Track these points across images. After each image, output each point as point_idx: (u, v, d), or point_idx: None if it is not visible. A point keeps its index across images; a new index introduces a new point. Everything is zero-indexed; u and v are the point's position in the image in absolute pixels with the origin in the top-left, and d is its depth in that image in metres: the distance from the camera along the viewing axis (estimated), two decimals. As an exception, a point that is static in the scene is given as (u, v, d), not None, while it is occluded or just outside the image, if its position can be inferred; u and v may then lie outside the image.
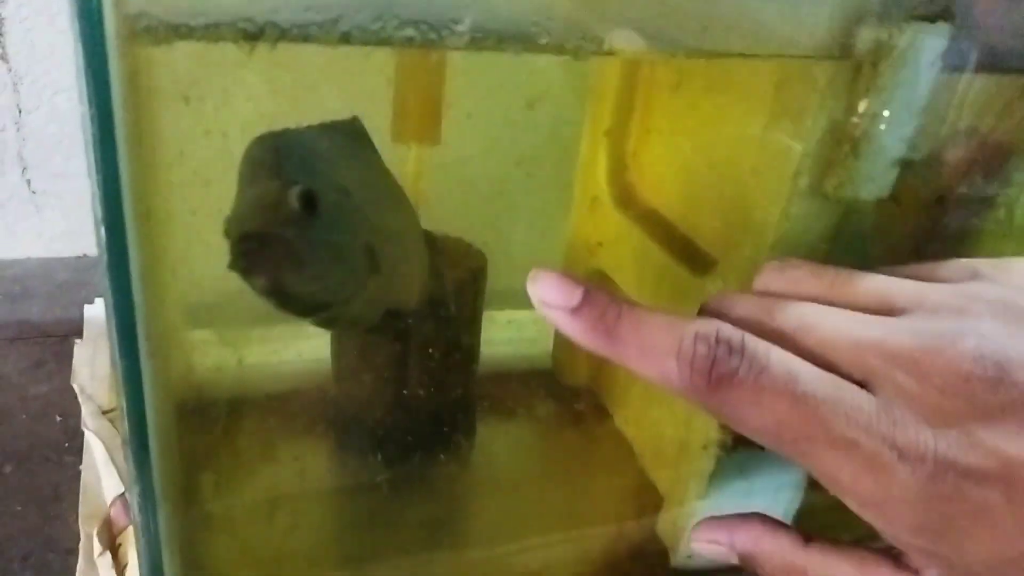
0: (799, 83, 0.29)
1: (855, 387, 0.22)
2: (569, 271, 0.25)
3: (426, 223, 0.42)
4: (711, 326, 0.23)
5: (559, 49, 0.25)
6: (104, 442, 0.48)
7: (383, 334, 0.41)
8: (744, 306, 0.25)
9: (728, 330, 0.22)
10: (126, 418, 0.27)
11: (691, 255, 0.39)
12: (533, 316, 0.25)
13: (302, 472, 0.43)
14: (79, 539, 0.42)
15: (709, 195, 0.37)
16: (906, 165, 0.29)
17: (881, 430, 0.21)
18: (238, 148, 0.31)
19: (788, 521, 0.39)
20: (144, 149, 0.24)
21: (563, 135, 0.49)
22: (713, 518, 0.27)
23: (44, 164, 0.67)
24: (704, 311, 0.27)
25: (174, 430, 0.30)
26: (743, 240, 0.33)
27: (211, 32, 0.22)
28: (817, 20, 0.28)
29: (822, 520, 0.40)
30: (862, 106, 0.28)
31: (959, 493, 0.20)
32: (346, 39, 0.23)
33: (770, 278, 0.27)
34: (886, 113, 0.28)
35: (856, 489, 0.21)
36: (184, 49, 0.22)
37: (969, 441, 0.20)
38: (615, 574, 0.41)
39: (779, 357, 0.22)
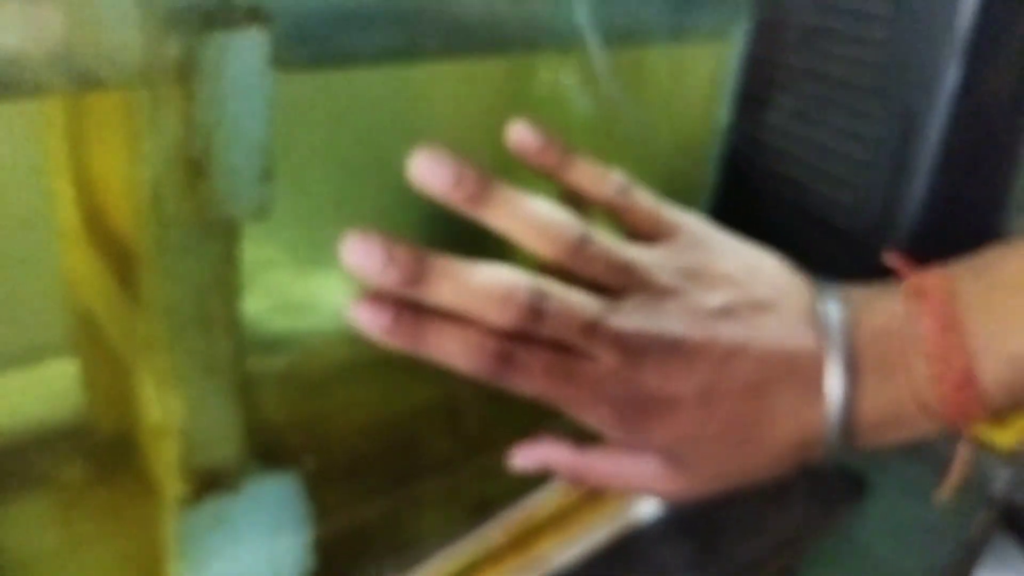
0: (132, 108, 0.27)
1: None
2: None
3: None
4: None
5: None
6: None
7: None
8: None
9: None
10: None
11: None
12: (47, 374, 0.20)
13: None
14: None
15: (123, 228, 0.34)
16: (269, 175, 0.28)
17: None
18: None
19: (301, 557, 0.38)
20: None
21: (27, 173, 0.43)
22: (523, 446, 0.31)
23: None
24: None
25: None
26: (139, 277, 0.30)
27: None
28: (123, 39, 0.25)
29: (340, 552, 0.39)
30: (192, 125, 0.26)
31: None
32: None
33: None
34: (221, 128, 0.26)
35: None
36: None
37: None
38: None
39: None
